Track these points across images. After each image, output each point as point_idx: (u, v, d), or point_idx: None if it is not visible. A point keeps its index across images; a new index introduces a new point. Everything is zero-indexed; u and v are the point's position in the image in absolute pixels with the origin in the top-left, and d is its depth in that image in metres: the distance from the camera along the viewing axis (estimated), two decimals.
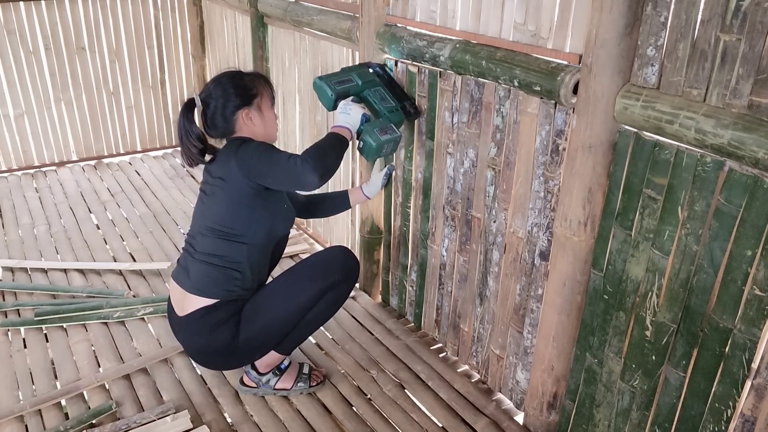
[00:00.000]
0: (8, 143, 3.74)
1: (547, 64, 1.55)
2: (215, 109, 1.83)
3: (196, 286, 1.83)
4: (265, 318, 1.84)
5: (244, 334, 1.84)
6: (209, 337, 1.83)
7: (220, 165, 1.82)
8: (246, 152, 1.75)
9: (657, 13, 1.30)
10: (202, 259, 1.84)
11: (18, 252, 2.93)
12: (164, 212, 3.36)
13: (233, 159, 1.76)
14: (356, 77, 2.02)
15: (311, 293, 1.86)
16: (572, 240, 1.58)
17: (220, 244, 1.83)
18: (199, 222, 1.88)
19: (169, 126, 4.22)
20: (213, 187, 1.83)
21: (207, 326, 1.82)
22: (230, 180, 1.77)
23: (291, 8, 2.70)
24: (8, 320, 2.36)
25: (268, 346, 1.93)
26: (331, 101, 1.98)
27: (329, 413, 1.98)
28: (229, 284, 1.83)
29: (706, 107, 1.24)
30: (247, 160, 1.74)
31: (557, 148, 1.60)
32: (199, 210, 1.91)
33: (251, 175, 1.75)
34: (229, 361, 1.93)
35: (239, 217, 1.81)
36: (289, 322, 1.88)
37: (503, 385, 2.03)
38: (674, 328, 1.41)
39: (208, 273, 1.83)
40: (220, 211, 1.82)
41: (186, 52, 4.10)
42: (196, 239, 1.87)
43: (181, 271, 1.89)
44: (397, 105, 2.01)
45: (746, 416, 1.31)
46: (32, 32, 3.59)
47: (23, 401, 1.99)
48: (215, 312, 1.82)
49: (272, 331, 1.88)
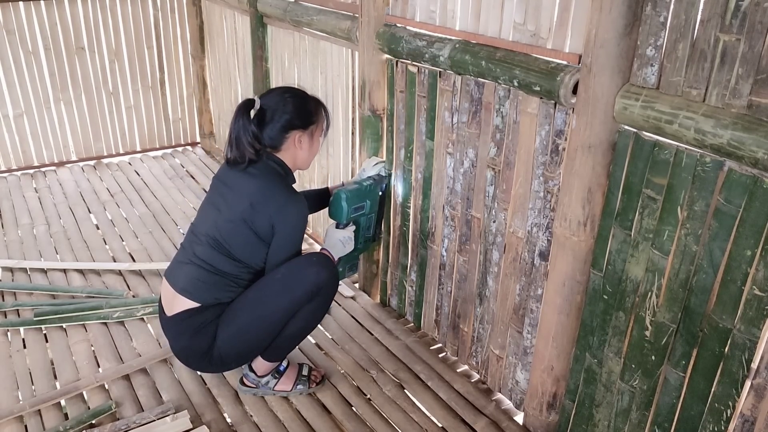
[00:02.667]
0: (8, 143, 3.74)
1: (547, 64, 1.55)
2: (273, 119, 1.82)
3: (186, 288, 1.83)
4: (238, 329, 1.82)
5: (220, 341, 1.83)
6: (191, 339, 1.83)
7: (262, 194, 1.79)
8: (293, 217, 1.81)
9: (656, 13, 1.31)
10: (196, 263, 1.84)
11: (17, 252, 2.93)
12: (164, 212, 3.36)
13: (278, 208, 1.78)
14: (368, 204, 2.19)
15: (281, 308, 1.82)
16: (572, 240, 1.58)
17: (220, 260, 1.82)
18: (209, 227, 1.85)
19: (169, 126, 4.22)
20: (237, 205, 1.80)
21: (191, 328, 1.82)
22: (259, 215, 1.78)
23: (291, 8, 2.70)
24: (8, 320, 2.36)
25: (246, 356, 1.93)
26: (342, 221, 2.12)
27: (329, 413, 1.98)
28: (220, 293, 1.83)
29: (705, 107, 1.24)
30: (288, 223, 1.80)
31: (557, 148, 1.60)
32: (211, 214, 1.87)
33: (274, 232, 1.80)
34: (210, 365, 1.91)
35: (247, 246, 1.81)
36: (262, 335, 1.86)
37: (503, 385, 2.03)
38: (674, 328, 1.41)
39: (202, 278, 1.82)
40: (231, 232, 1.81)
41: (186, 53, 4.10)
42: (200, 243, 1.85)
43: (175, 270, 1.88)
44: (374, 234, 2.22)
45: (746, 416, 1.31)
46: (32, 32, 3.59)
47: (23, 401, 1.99)
48: (199, 315, 1.82)
49: (246, 343, 1.86)
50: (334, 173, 2.80)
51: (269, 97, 1.85)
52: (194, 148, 4.31)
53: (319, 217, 3.04)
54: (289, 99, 1.84)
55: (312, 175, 3.03)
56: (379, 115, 2.29)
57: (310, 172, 3.03)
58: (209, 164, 4.04)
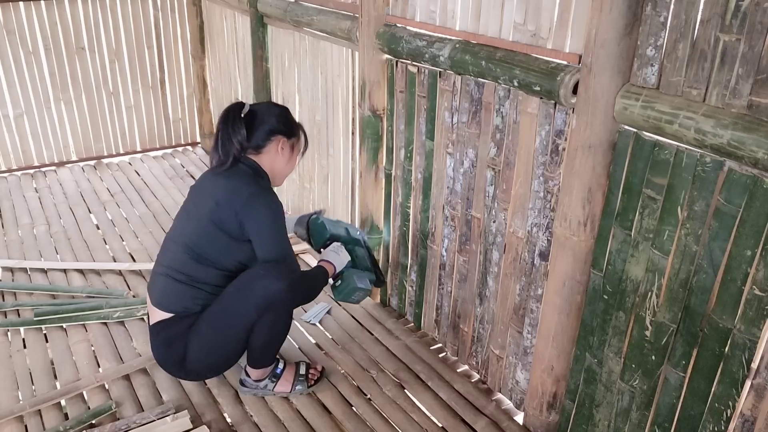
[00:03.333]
0: (8, 143, 3.74)
1: (547, 64, 1.55)
2: (262, 121, 1.88)
3: (159, 300, 1.87)
4: (205, 341, 1.84)
5: (190, 353, 1.85)
6: (166, 350, 1.87)
7: (227, 190, 1.81)
8: (260, 211, 1.79)
9: (657, 13, 1.31)
10: (167, 273, 1.86)
11: (18, 252, 2.93)
12: (164, 212, 3.36)
13: (243, 202, 1.77)
14: (347, 230, 2.22)
15: (237, 320, 1.81)
16: (572, 240, 1.58)
17: (191, 265, 1.84)
18: (179, 233, 1.90)
19: (169, 126, 4.22)
20: (204, 206, 1.83)
21: (165, 340, 1.86)
22: (224, 212, 1.79)
23: (291, 8, 2.70)
24: (8, 320, 2.36)
25: (217, 367, 1.95)
26: (323, 239, 2.15)
27: (329, 413, 1.98)
28: (189, 302, 1.84)
29: (705, 107, 1.24)
30: (254, 218, 1.78)
31: (557, 148, 1.60)
32: (182, 221, 1.92)
33: (245, 229, 1.79)
34: (187, 374, 1.95)
35: (216, 247, 1.82)
36: (227, 347, 1.87)
37: (503, 385, 2.03)
38: (674, 328, 1.41)
39: (170, 288, 1.85)
40: (200, 234, 1.83)
41: (186, 52, 4.10)
42: (171, 251, 1.89)
43: (152, 282, 1.93)
44: (372, 269, 2.22)
45: (746, 416, 1.31)
46: (32, 32, 3.59)
47: (23, 401, 1.99)
48: (172, 327, 1.84)
49: (213, 355, 1.88)
50: (334, 173, 2.81)
51: (257, 104, 1.94)
52: (194, 148, 4.31)
53: None
54: (276, 107, 1.96)
55: (312, 174, 3.03)
56: (379, 115, 2.29)
57: (311, 172, 3.03)
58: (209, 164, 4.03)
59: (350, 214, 2.74)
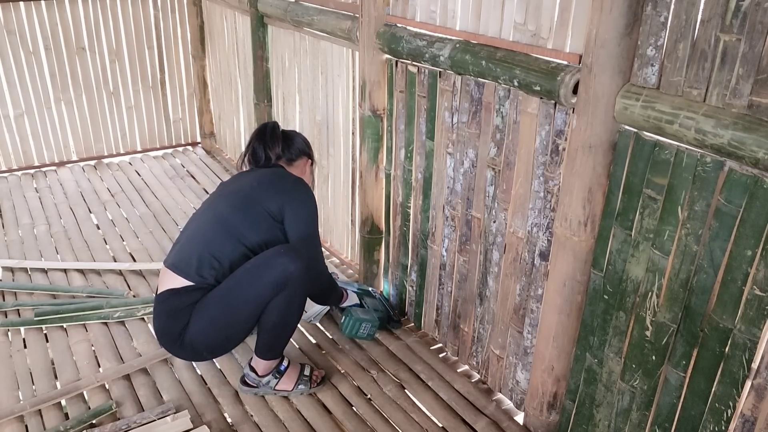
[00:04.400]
0: (8, 143, 3.74)
1: (547, 64, 1.55)
2: (294, 142, 2.13)
3: (174, 262, 1.90)
4: (209, 319, 1.84)
5: (192, 328, 1.85)
6: (166, 321, 1.87)
7: (269, 175, 2.01)
8: (303, 195, 1.99)
9: (657, 13, 1.30)
10: (191, 238, 1.93)
11: (18, 252, 2.93)
12: (164, 212, 3.36)
13: (290, 185, 1.99)
14: (356, 284, 2.47)
15: (246, 299, 1.83)
16: (572, 240, 1.58)
17: (217, 233, 1.91)
18: (205, 218, 1.96)
19: (169, 126, 4.22)
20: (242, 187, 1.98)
21: (166, 310, 1.87)
22: (265, 190, 1.96)
23: (291, 8, 2.70)
24: (8, 320, 2.36)
25: (216, 348, 1.95)
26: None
27: (329, 413, 1.98)
28: (206, 271, 1.86)
29: (706, 107, 1.24)
30: (297, 199, 1.97)
31: (557, 148, 1.60)
32: (208, 209, 1.99)
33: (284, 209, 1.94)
34: (181, 350, 1.92)
35: (249, 217, 1.92)
36: (232, 327, 1.88)
37: (503, 385, 2.03)
38: (674, 328, 1.41)
39: (191, 251, 1.90)
40: (235, 205, 1.93)
41: (186, 53, 4.10)
42: (195, 221, 1.98)
43: (171, 252, 1.97)
44: (389, 317, 2.38)
45: (746, 416, 1.31)
46: (32, 32, 3.59)
47: (23, 401, 1.99)
48: (176, 298, 1.85)
49: (216, 334, 1.87)
50: (335, 173, 2.81)
51: (289, 131, 2.18)
52: (195, 148, 4.31)
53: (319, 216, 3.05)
54: (300, 135, 2.20)
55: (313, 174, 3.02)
56: (380, 115, 2.29)
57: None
58: (210, 164, 4.04)
59: (350, 214, 2.74)
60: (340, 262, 2.88)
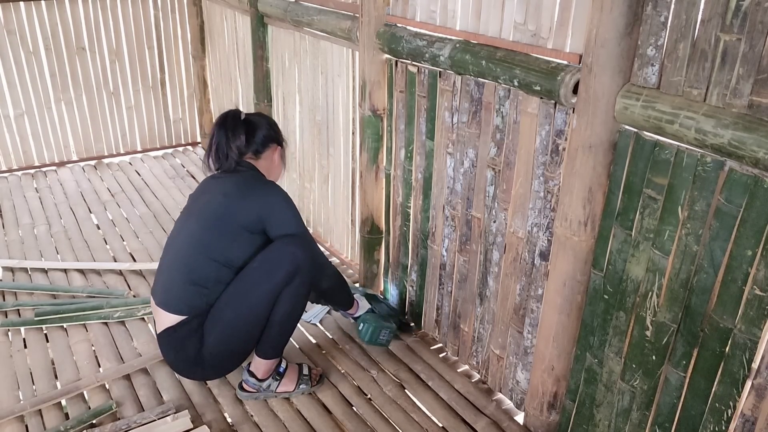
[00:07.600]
0: (8, 143, 3.74)
1: (547, 64, 1.55)
2: (258, 128, 1.99)
3: (163, 299, 1.87)
4: (226, 327, 1.85)
5: (208, 345, 1.85)
6: (177, 354, 1.88)
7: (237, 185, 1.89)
8: (277, 197, 1.91)
9: (657, 13, 1.30)
10: (170, 272, 1.89)
11: (18, 252, 2.93)
12: (164, 212, 3.36)
13: (260, 193, 1.89)
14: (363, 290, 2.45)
15: (263, 294, 1.84)
16: (572, 240, 1.58)
17: (194, 259, 1.86)
18: (184, 234, 1.91)
19: (170, 126, 4.22)
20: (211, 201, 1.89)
21: (172, 347, 1.87)
22: (236, 203, 1.87)
23: (291, 8, 2.70)
24: (8, 320, 2.36)
25: (239, 354, 1.95)
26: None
27: (329, 413, 1.98)
28: (195, 300, 1.85)
29: (706, 107, 1.24)
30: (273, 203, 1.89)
31: (557, 148, 1.60)
32: (185, 222, 1.94)
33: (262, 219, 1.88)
34: (204, 371, 1.95)
35: (224, 235, 1.86)
36: (250, 327, 1.88)
37: (503, 385, 2.03)
38: (674, 328, 1.41)
39: (174, 286, 1.87)
40: (207, 226, 1.86)
41: (186, 52, 4.10)
42: (171, 249, 1.93)
43: (155, 285, 1.94)
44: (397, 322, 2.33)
45: (746, 416, 1.31)
46: (32, 32, 3.59)
47: (23, 401, 1.99)
48: (179, 330, 1.85)
49: (236, 339, 1.88)
50: (335, 173, 2.80)
51: (252, 114, 2.03)
52: (195, 148, 4.31)
53: (319, 216, 3.05)
54: (266, 117, 2.08)
55: (312, 174, 3.03)
56: (380, 115, 2.29)
57: (312, 172, 3.03)
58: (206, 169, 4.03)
59: (350, 214, 2.74)
60: (340, 262, 2.88)
